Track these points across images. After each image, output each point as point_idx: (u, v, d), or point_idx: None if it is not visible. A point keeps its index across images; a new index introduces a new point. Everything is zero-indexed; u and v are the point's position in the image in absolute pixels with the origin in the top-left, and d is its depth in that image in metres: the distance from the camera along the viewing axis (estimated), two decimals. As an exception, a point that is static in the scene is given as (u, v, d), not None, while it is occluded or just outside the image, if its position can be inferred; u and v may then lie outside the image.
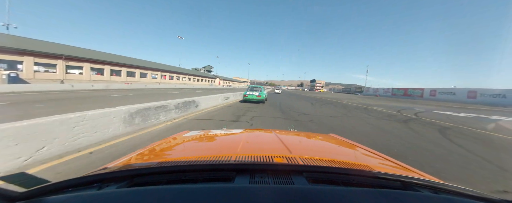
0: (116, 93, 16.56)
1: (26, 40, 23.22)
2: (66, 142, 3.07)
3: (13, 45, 18.96)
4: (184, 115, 6.99)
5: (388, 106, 14.92)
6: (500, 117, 10.03)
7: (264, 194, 0.54)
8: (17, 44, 19.60)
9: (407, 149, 3.97)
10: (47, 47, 23.48)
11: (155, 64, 46.69)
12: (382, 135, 5.17)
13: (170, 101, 6.22)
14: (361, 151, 1.33)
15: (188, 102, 7.39)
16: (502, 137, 5.55)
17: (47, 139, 2.79)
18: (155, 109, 5.37)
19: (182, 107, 6.94)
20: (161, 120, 5.63)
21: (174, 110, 6.38)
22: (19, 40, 21.91)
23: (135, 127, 4.60)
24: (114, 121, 4.01)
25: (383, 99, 29.05)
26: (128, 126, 4.39)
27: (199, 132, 1.70)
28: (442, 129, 6.31)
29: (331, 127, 6.03)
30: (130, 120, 4.47)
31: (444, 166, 3.13)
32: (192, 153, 1.17)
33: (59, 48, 24.89)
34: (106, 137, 3.82)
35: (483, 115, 10.97)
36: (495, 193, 2.33)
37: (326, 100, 20.05)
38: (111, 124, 3.94)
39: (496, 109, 15.99)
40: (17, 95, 12.07)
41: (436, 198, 0.60)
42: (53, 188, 0.59)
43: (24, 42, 21.90)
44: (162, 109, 5.69)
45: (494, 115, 10.91)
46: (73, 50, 27.44)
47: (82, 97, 12.41)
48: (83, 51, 29.07)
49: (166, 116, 5.90)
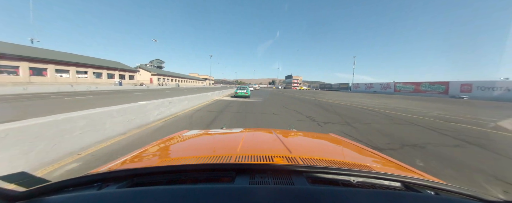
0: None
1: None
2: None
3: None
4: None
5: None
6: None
7: (264, 194, 0.55)
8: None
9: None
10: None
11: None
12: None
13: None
14: (361, 151, 1.32)
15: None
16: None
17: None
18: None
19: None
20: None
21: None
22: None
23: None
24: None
25: (393, 97, 22.09)
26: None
27: (199, 132, 1.70)
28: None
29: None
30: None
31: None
32: (191, 152, 1.17)
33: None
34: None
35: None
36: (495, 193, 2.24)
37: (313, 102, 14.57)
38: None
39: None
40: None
41: (436, 198, 0.60)
42: (53, 188, 0.60)
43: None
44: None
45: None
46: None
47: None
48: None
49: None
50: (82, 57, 37.17)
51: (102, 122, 3.92)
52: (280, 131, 1.75)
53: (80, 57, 36.22)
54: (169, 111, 7.04)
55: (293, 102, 14.80)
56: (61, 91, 20.58)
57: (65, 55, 33.42)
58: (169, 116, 6.95)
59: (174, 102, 7.51)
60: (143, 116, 5.38)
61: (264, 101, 14.27)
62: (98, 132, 3.78)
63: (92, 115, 3.68)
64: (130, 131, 4.70)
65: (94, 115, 3.72)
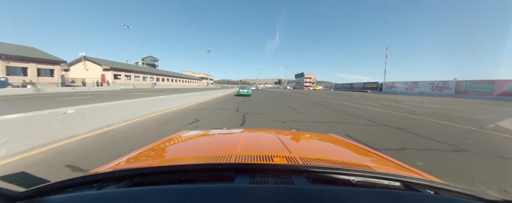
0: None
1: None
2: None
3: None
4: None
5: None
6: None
7: (264, 194, 0.55)
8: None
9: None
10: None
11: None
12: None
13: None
14: (361, 151, 1.32)
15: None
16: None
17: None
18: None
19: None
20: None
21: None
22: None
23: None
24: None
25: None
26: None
27: (199, 132, 1.70)
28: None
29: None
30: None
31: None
32: (191, 152, 1.17)
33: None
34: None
35: None
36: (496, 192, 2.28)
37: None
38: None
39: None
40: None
41: (436, 198, 0.60)
42: (53, 188, 0.60)
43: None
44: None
45: None
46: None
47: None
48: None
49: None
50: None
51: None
52: (280, 131, 1.74)
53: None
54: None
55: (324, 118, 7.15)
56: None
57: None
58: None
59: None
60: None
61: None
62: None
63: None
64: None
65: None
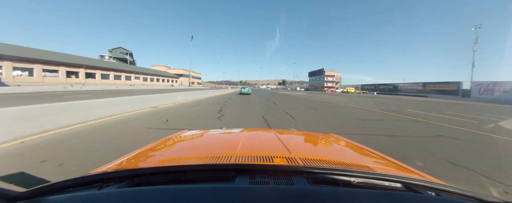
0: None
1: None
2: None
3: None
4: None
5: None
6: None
7: (264, 194, 0.54)
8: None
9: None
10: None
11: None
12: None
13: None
14: (362, 151, 1.32)
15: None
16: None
17: None
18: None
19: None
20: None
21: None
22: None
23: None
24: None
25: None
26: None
27: (198, 132, 1.70)
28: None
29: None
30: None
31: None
32: (191, 153, 1.17)
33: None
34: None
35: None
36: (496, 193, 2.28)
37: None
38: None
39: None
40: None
41: (437, 199, 0.60)
42: (53, 188, 0.60)
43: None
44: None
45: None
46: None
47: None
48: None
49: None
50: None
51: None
52: (280, 131, 1.74)
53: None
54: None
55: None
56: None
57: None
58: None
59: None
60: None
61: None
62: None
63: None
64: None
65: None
